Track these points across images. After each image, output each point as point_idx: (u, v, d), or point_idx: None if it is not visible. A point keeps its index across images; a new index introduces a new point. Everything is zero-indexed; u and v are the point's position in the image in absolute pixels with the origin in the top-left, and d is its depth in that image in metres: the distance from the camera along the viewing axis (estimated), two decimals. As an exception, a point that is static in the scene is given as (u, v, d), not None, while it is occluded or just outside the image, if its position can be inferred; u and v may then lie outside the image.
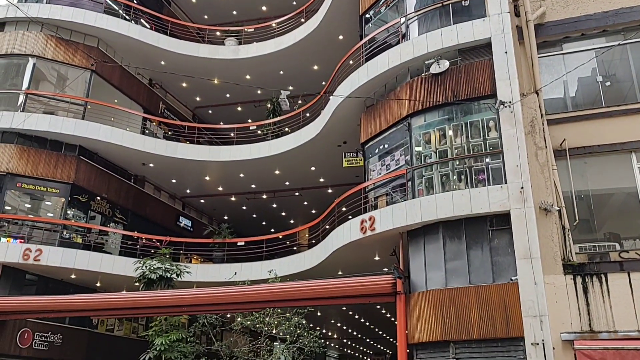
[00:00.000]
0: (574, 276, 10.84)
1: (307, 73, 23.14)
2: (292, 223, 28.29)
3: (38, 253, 17.25)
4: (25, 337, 17.20)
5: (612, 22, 12.69)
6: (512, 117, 12.10)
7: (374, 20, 16.85)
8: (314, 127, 19.00)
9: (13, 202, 19.02)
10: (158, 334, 15.55)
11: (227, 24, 26.42)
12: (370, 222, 13.65)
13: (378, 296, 12.94)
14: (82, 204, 19.73)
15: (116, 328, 21.30)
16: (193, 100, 26.76)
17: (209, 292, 14.54)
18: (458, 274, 11.98)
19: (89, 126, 19.51)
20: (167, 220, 24.14)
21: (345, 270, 17.40)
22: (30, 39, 20.04)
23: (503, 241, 11.70)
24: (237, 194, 24.71)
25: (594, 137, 12.05)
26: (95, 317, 19.51)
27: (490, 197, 11.80)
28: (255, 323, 16.21)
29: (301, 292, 13.58)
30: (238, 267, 19.63)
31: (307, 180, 22.81)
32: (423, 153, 13.56)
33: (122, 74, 22.20)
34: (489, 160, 12.56)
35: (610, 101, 12.39)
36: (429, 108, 13.47)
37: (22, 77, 19.78)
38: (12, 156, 18.55)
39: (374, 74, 14.84)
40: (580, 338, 10.30)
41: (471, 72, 13.12)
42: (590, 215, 12.12)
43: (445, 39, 13.49)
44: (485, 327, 11.14)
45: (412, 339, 12.18)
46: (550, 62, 13.15)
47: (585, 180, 12.17)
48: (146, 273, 16.16)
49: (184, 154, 21.32)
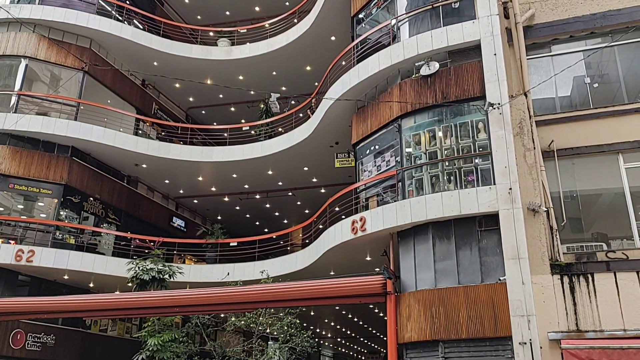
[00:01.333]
0: (561, 276, 10.96)
1: (300, 73, 23.22)
2: (286, 223, 28.39)
3: (31, 254, 17.27)
4: (18, 338, 17.23)
5: (600, 24, 12.79)
6: (501, 119, 12.21)
7: (365, 21, 16.94)
8: (307, 127, 19.09)
9: (6, 202, 19.02)
10: (151, 334, 15.62)
11: (220, 24, 26.46)
12: (361, 222, 13.75)
13: (369, 296, 13.02)
14: (75, 205, 19.75)
15: (109, 328, 21.33)
16: (186, 100, 26.80)
17: (201, 293, 14.58)
18: (447, 274, 12.10)
19: (81, 127, 19.52)
20: (160, 220, 24.18)
21: (337, 270, 17.51)
22: (22, 40, 20.03)
23: (492, 242, 11.82)
24: (231, 194, 24.78)
25: (582, 138, 12.14)
26: (88, 317, 19.54)
27: (479, 198, 11.91)
28: (248, 323, 16.28)
29: (293, 292, 13.65)
30: (231, 267, 19.71)
31: (300, 180, 22.90)
32: (413, 154, 13.66)
33: (115, 74, 22.21)
34: (478, 162, 12.68)
35: (599, 102, 12.50)
36: (419, 109, 13.58)
37: (15, 78, 19.77)
38: (4, 157, 18.55)
39: (365, 75, 14.93)
40: (567, 337, 10.42)
41: (461, 73, 13.22)
42: (578, 215, 12.24)
43: (435, 40, 13.59)
44: (473, 326, 11.25)
45: (402, 338, 12.27)
46: (539, 64, 13.25)
47: (573, 181, 12.28)
48: (139, 274, 16.24)
49: (177, 155, 21.36)
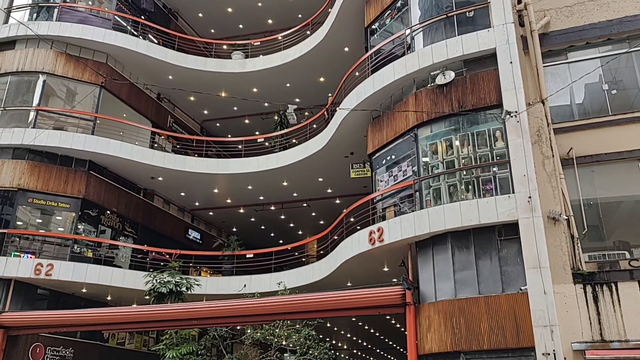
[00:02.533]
0: (584, 285, 10.81)
1: (314, 85, 23.29)
2: (301, 234, 28.35)
3: (49, 268, 17.39)
4: (37, 352, 17.30)
5: (616, 30, 12.73)
6: (518, 127, 12.14)
7: (379, 32, 16.98)
8: (321, 138, 19.11)
9: (24, 217, 19.21)
10: (169, 347, 15.60)
11: (234, 37, 26.69)
12: (379, 233, 13.69)
13: (387, 307, 12.95)
14: (92, 218, 19.90)
15: (127, 342, 21.37)
16: (201, 113, 26.99)
17: (219, 305, 14.61)
18: (467, 284, 11.98)
19: (98, 141, 19.71)
20: (176, 233, 24.27)
21: (354, 281, 17.42)
22: (40, 56, 20.34)
23: (512, 251, 11.70)
24: (246, 205, 24.82)
25: (601, 145, 12.05)
26: (106, 331, 19.58)
27: (498, 207, 11.81)
28: (266, 335, 16.23)
29: (311, 304, 13.63)
30: (247, 279, 19.67)
31: (315, 191, 22.89)
32: (430, 164, 13.61)
33: (131, 88, 22.45)
34: (496, 170, 12.59)
35: (617, 109, 12.40)
36: (435, 119, 13.55)
37: (33, 94, 20.04)
38: (23, 172, 18.77)
39: (380, 85, 14.95)
40: (591, 348, 10.27)
41: (477, 82, 13.19)
42: (599, 223, 12.09)
43: (450, 50, 13.59)
44: (495, 337, 11.12)
45: (422, 349, 12.16)
46: (555, 71, 13.19)
47: (593, 188, 12.16)
48: (156, 286, 16.26)
49: (192, 167, 21.45)
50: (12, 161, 18.92)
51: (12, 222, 18.35)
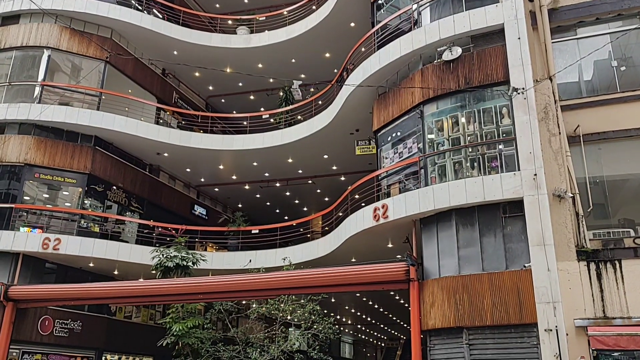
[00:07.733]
0: (588, 262, 10.85)
1: (319, 61, 23.10)
2: (306, 211, 28.45)
3: (57, 242, 17.56)
4: (46, 325, 17.59)
5: (627, 5, 12.51)
6: (525, 104, 12.05)
7: (385, 6, 16.77)
8: (327, 115, 19.03)
9: (31, 192, 19.34)
10: (175, 320, 15.85)
11: (239, 12, 26.40)
12: (383, 209, 13.72)
13: (391, 283, 13.04)
14: (98, 194, 20.02)
15: (134, 315, 21.67)
16: (206, 89, 26.89)
17: (224, 280, 14.74)
18: (471, 261, 12.04)
19: (104, 117, 19.71)
20: (182, 208, 24.40)
21: (358, 257, 17.53)
22: (44, 31, 20.23)
23: (516, 228, 11.72)
24: (251, 182, 24.88)
25: (608, 123, 11.95)
26: (113, 304, 19.88)
27: (503, 184, 11.80)
28: (271, 310, 16.43)
29: (315, 279, 13.73)
30: (253, 254, 19.83)
31: (320, 168, 22.89)
32: (436, 141, 13.56)
33: (136, 64, 22.35)
34: (502, 147, 12.54)
35: (626, 86, 12.26)
36: (441, 95, 13.45)
37: (38, 69, 19.99)
38: (29, 147, 18.84)
39: (386, 61, 14.82)
40: (594, 324, 10.34)
41: (484, 58, 13.05)
42: (604, 201, 12.07)
43: (457, 25, 13.42)
44: (498, 313, 11.21)
45: (426, 325, 12.28)
46: (564, 47, 13.02)
47: (599, 166, 12.10)
48: (163, 261, 16.44)
49: (197, 143, 21.47)
50: (18, 136, 18.97)
51: (19, 197, 18.49)
